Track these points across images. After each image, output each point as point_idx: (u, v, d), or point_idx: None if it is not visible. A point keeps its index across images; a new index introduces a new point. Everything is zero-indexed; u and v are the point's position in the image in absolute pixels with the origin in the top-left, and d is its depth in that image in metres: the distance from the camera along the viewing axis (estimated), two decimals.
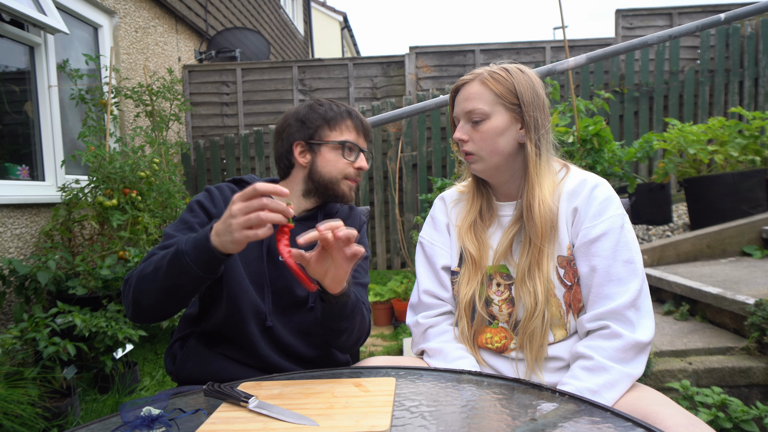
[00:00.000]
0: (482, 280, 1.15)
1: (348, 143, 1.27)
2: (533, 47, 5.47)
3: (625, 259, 1.05)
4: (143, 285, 1.05)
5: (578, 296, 1.11)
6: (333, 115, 1.27)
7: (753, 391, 1.98)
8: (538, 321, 1.08)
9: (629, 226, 1.11)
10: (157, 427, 0.76)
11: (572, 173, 1.16)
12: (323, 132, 1.27)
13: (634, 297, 1.03)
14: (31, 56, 3.48)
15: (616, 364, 1.00)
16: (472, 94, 1.13)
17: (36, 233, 3.23)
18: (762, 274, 2.64)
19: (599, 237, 1.07)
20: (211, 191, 1.27)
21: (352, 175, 1.28)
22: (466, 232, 1.19)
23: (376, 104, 5.19)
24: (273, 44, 8.65)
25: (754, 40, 5.19)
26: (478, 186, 1.23)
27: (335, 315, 1.10)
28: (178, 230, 1.18)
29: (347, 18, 17.14)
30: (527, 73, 1.15)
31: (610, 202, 1.10)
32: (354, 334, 1.19)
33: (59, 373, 2.39)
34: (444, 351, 1.14)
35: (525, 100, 1.11)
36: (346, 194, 1.29)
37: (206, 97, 5.61)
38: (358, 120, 1.30)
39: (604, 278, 1.05)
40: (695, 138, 3.68)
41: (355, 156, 1.28)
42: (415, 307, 1.25)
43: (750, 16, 3.00)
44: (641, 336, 1.01)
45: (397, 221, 5.15)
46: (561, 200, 1.12)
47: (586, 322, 1.06)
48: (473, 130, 1.14)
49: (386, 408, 0.80)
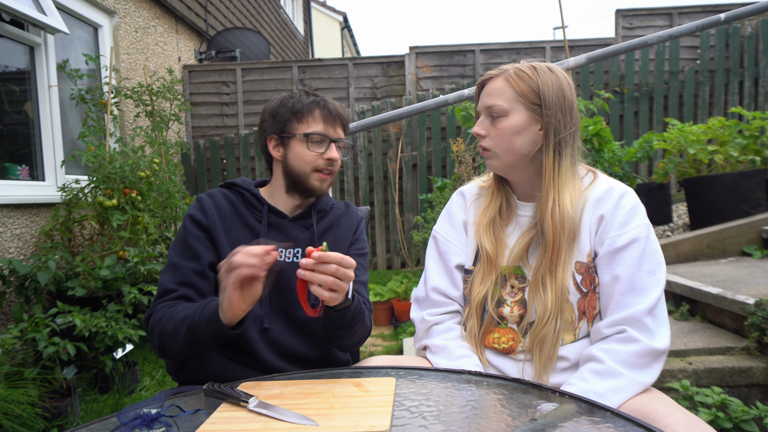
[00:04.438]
0: (496, 279, 1.14)
1: (313, 135, 1.23)
2: (533, 47, 5.47)
3: (649, 270, 1.04)
4: (164, 341, 1.11)
5: (593, 303, 1.09)
6: (300, 107, 1.25)
7: (753, 391, 1.98)
8: (550, 328, 1.06)
9: (654, 236, 1.09)
10: (156, 427, 0.76)
11: (599, 180, 1.14)
12: (292, 125, 1.25)
13: (653, 305, 1.02)
14: (31, 56, 3.48)
15: (627, 370, 0.98)
16: (494, 90, 1.12)
17: (36, 233, 3.23)
18: (762, 274, 2.63)
19: (625, 246, 1.05)
20: (202, 200, 1.26)
21: (322, 166, 1.24)
22: (485, 229, 1.17)
23: (376, 104, 5.19)
24: (273, 44, 8.65)
25: (754, 40, 5.19)
26: (499, 183, 1.21)
27: (335, 323, 1.12)
28: (178, 254, 1.21)
29: (347, 18, 17.13)
30: (556, 73, 1.12)
31: (636, 211, 1.08)
32: (355, 337, 1.20)
33: (59, 373, 2.39)
34: (448, 348, 1.14)
35: (547, 100, 1.08)
36: (316, 188, 1.26)
37: (206, 97, 5.61)
38: (326, 110, 1.25)
39: (627, 287, 1.04)
40: (695, 138, 3.67)
41: (325, 147, 1.24)
42: (421, 302, 1.24)
43: (750, 16, 3.00)
44: (658, 343, 1.00)
45: (397, 221, 5.15)
46: (586, 207, 1.10)
47: (604, 328, 1.05)
48: (491, 126, 1.13)
49: (386, 408, 0.80)
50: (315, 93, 1.28)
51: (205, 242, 1.21)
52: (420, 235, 4.04)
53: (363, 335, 1.24)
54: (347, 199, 5.26)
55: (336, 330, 1.14)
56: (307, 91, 1.29)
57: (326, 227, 1.33)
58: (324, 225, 1.32)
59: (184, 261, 1.19)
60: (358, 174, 5.26)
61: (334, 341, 1.20)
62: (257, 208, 1.27)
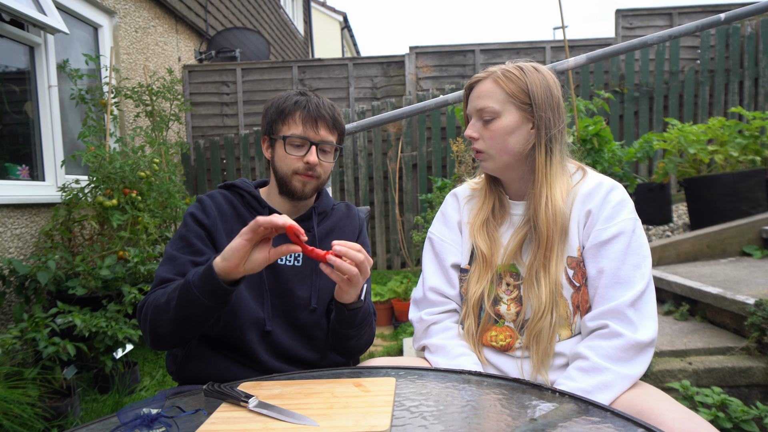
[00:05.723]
0: (492, 278, 1.15)
1: (290, 138, 1.20)
2: (533, 47, 5.47)
3: (634, 263, 1.06)
4: (157, 315, 1.08)
5: (586, 297, 1.11)
6: (283, 108, 1.22)
7: (753, 391, 1.98)
8: (545, 322, 1.08)
9: (641, 231, 1.10)
10: (156, 427, 0.76)
11: (589, 176, 1.15)
12: (277, 126, 1.23)
13: (635, 297, 1.03)
14: (31, 56, 3.48)
15: (612, 364, 0.99)
16: (484, 92, 1.13)
17: (36, 233, 3.23)
18: (762, 274, 2.63)
19: (610, 240, 1.07)
20: (203, 201, 1.26)
21: (302, 170, 1.21)
22: (479, 229, 1.18)
23: (376, 104, 5.19)
24: (273, 44, 8.65)
25: (754, 40, 5.19)
26: (491, 183, 1.22)
27: (346, 322, 1.14)
28: (177, 249, 1.19)
29: (347, 18, 17.13)
30: (542, 72, 1.14)
31: (623, 206, 1.10)
32: (363, 339, 1.22)
33: (59, 374, 2.39)
34: (446, 347, 1.14)
35: (537, 99, 1.10)
36: (298, 190, 1.23)
37: (206, 97, 5.61)
38: (306, 111, 1.20)
39: (611, 280, 1.05)
40: (695, 138, 3.67)
41: (305, 150, 1.20)
42: (419, 302, 1.25)
43: (750, 16, 3.00)
44: (642, 336, 1.01)
45: (397, 221, 5.15)
46: (575, 202, 1.12)
47: (588, 321, 1.07)
48: (484, 128, 1.14)
49: (386, 408, 0.80)
50: (307, 92, 1.24)
51: (205, 241, 1.21)
52: (420, 235, 4.04)
53: (369, 338, 1.25)
54: (347, 199, 5.26)
55: (346, 329, 1.16)
56: (303, 90, 1.26)
57: (328, 230, 1.32)
58: (325, 228, 1.32)
59: (183, 254, 1.18)
60: (358, 174, 5.26)
61: (343, 342, 1.21)
62: (258, 210, 1.27)
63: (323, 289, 1.26)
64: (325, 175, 1.26)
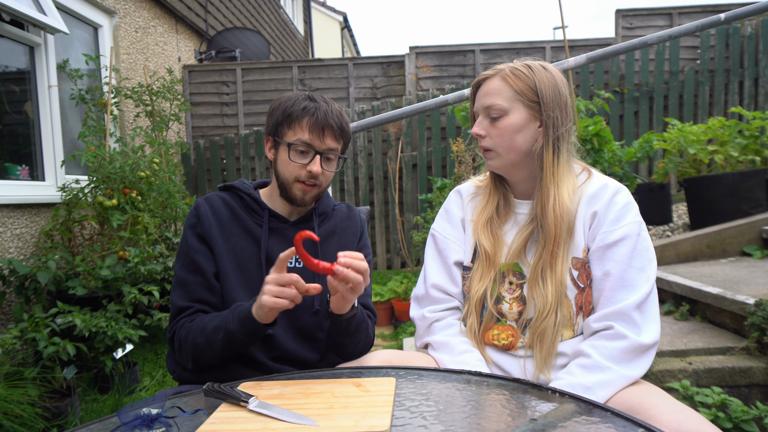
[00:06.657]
0: (495, 277, 1.15)
1: (295, 145, 1.17)
2: (533, 47, 5.47)
3: (639, 266, 1.06)
4: (200, 353, 1.14)
5: (590, 298, 1.10)
6: (291, 111, 1.18)
7: (753, 391, 1.98)
8: (549, 321, 1.08)
9: (646, 234, 1.11)
10: (156, 427, 0.76)
11: (594, 178, 1.15)
12: (282, 129, 1.20)
13: (641, 300, 1.03)
14: (31, 56, 3.48)
15: (614, 364, 1.00)
16: (492, 90, 1.13)
17: (36, 233, 3.23)
18: (762, 274, 2.63)
19: (616, 242, 1.07)
20: (199, 207, 1.25)
21: (304, 178, 1.18)
22: (482, 227, 1.18)
23: (376, 104, 5.19)
24: (273, 44, 8.65)
25: (754, 40, 5.19)
26: (496, 182, 1.21)
27: (342, 331, 1.15)
28: (186, 271, 1.21)
29: (347, 18, 17.13)
30: (550, 70, 1.14)
31: (629, 208, 1.10)
32: (359, 346, 1.22)
33: (59, 373, 2.39)
34: (450, 344, 1.14)
35: (545, 98, 1.10)
36: (298, 198, 1.21)
37: (206, 97, 5.61)
38: (314, 119, 1.16)
39: (617, 283, 1.05)
40: (695, 138, 3.67)
41: (309, 159, 1.18)
42: (421, 299, 1.24)
43: (750, 16, 3.00)
44: (646, 338, 1.01)
45: (397, 221, 5.15)
46: (581, 203, 1.12)
47: (593, 322, 1.07)
48: (491, 126, 1.13)
49: (386, 408, 0.80)
50: (316, 98, 1.21)
51: (206, 253, 1.21)
52: (420, 235, 4.04)
53: (366, 345, 1.25)
54: (347, 199, 5.26)
55: (342, 338, 1.17)
56: (312, 95, 1.22)
57: (329, 232, 1.31)
58: (326, 229, 1.30)
59: (191, 276, 1.20)
60: (358, 174, 5.26)
61: (339, 350, 1.22)
62: (257, 212, 1.25)
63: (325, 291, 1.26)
64: (327, 183, 1.25)
